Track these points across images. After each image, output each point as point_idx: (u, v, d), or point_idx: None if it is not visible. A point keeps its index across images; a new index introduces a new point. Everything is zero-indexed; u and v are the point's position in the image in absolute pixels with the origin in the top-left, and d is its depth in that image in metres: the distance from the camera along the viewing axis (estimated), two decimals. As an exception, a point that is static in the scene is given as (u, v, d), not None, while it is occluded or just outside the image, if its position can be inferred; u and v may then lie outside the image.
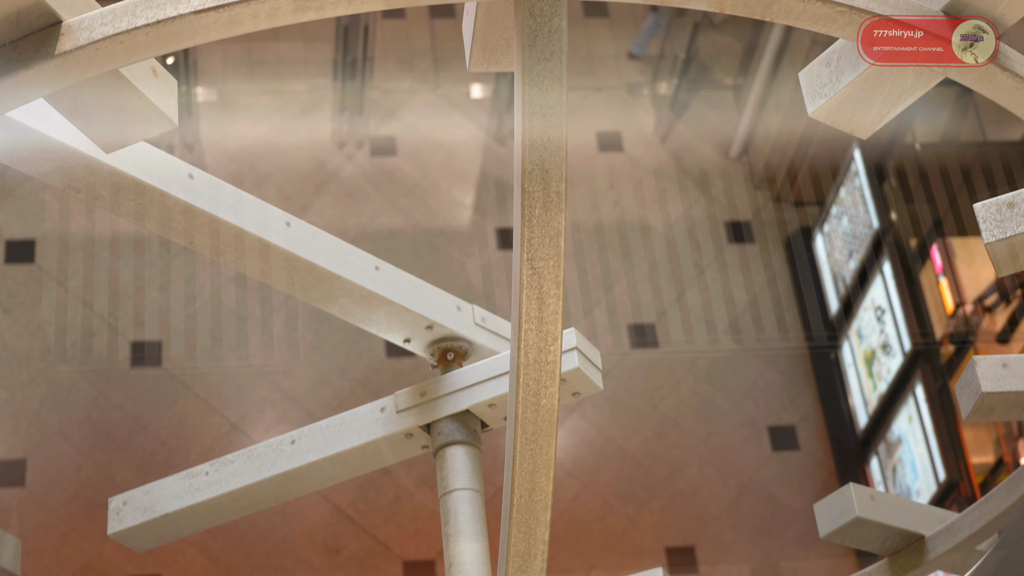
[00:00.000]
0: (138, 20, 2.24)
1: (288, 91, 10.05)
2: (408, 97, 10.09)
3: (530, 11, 2.22)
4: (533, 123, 2.25)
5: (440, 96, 10.09)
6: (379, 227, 9.59)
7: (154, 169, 2.95)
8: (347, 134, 9.92)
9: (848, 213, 9.65)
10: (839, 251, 9.72)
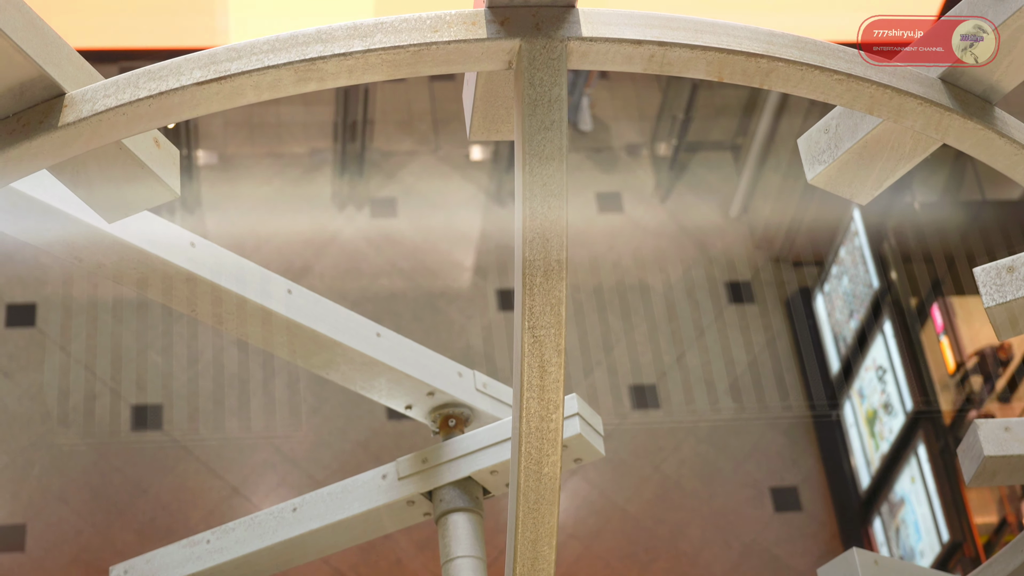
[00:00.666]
0: (141, 92, 2.25)
1: (288, 153, 10.09)
2: (408, 159, 10.13)
3: (530, 81, 2.24)
4: (534, 192, 2.26)
5: (440, 158, 10.13)
6: (380, 289, 9.60)
7: (156, 237, 2.97)
8: (347, 196, 9.95)
9: (848, 273, 9.66)
10: (839, 311, 9.72)
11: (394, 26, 2.24)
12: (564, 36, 2.24)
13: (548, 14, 2.25)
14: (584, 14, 2.27)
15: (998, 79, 2.41)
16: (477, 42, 2.23)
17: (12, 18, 2.21)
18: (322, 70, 2.23)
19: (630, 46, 2.27)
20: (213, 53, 2.26)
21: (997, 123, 2.45)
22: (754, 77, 2.31)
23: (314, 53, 2.23)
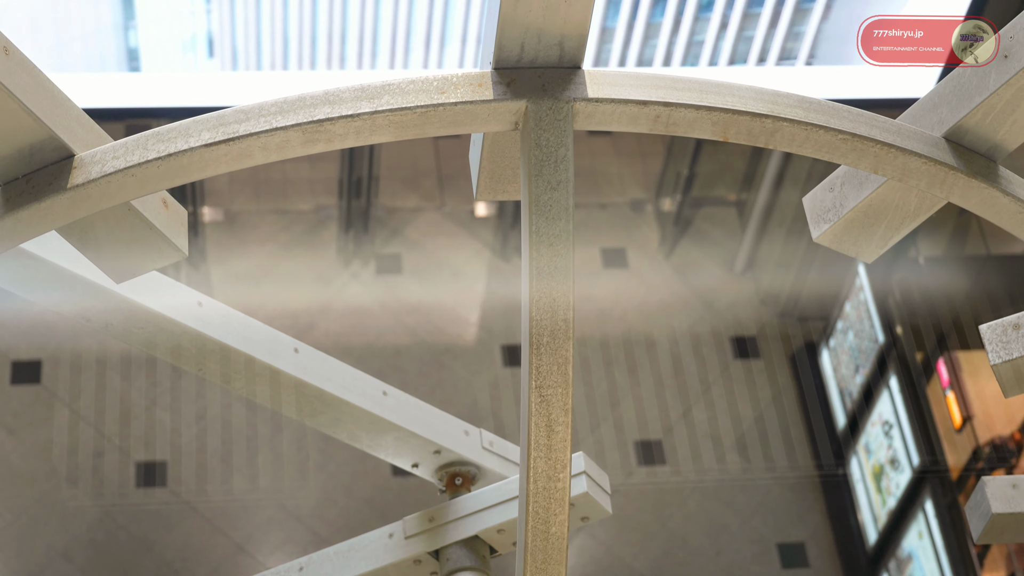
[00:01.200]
0: (149, 153, 2.26)
1: (294, 210, 10.11)
2: (413, 215, 10.15)
3: (536, 142, 2.25)
4: (540, 252, 2.27)
5: (445, 214, 10.15)
6: (385, 345, 9.60)
7: (164, 297, 2.97)
8: (353, 252, 9.97)
9: (854, 328, 9.66)
10: (845, 366, 9.71)
11: (401, 88, 2.25)
12: (570, 97, 2.25)
13: (554, 76, 2.27)
14: (590, 75, 2.28)
15: (1002, 138, 2.42)
16: (484, 103, 2.25)
17: (22, 81, 2.22)
18: (330, 131, 2.25)
19: (635, 107, 2.28)
20: (222, 115, 2.27)
21: (1001, 182, 2.46)
22: (759, 137, 2.32)
23: (322, 115, 2.24)
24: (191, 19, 7.97)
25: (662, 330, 9.84)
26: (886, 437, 9.17)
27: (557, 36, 2.24)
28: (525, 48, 2.25)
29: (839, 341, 9.85)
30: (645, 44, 8.31)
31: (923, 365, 9.30)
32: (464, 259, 9.98)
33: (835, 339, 9.90)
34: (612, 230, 10.28)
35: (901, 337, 9.37)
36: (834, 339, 9.91)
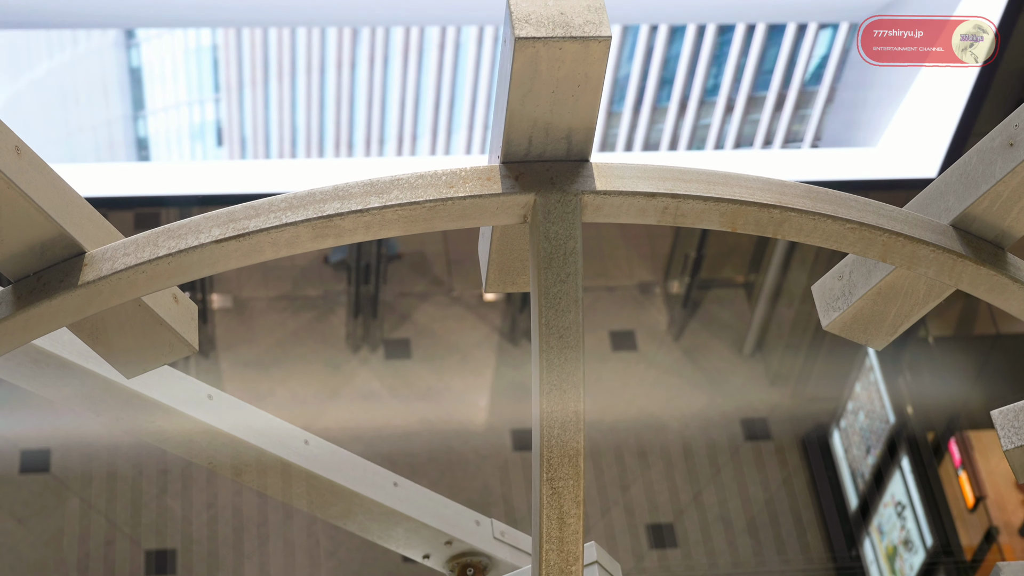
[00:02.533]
0: (160, 250, 2.27)
1: (302, 296, 10.13)
2: (422, 300, 10.16)
3: (545, 234, 2.26)
4: (551, 344, 2.27)
5: (454, 299, 10.17)
6: (395, 430, 9.59)
7: (174, 391, 2.98)
8: (362, 338, 9.97)
9: (864, 408, 9.63)
10: (856, 447, 9.67)
11: (410, 183, 2.26)
12: (578, 190, 2.27)
13: (562, 169, 2.28)
14: (598, 168, 2.30)
15: (1009, 225, 2.43)
16: (492, 197, 2.26)
17: (34, 180, 2.24)
18: (339, 226, 2.26)
19: (644, 199, 2.29)
20: (232, 211, 2.28)
21: (1010, 268, 2.46)
22: (767, 227, 2.33)
23: (331, 210, 2.25)
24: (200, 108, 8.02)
25: (672, 412, 9.82)
26: (899, 518, 9.12)
27: (564, 130, 2.25)
28: (533, 142, 2.26)
29: (850, 422, 9.82)
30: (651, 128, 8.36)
31: (934, 445, 9.27)
32: (473, 343, 9.99)
33: (846, 420, 9.87)
34: (621, 313, 10.29)
35: (912, 417, 9.34)
36: (845, 420, 9.88)
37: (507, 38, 2.19)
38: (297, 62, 8.05)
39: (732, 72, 8.34)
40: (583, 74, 2.19)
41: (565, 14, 2.18)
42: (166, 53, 7.89)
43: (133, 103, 7.99)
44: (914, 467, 9.10)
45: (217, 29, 7.85)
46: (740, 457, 9.68)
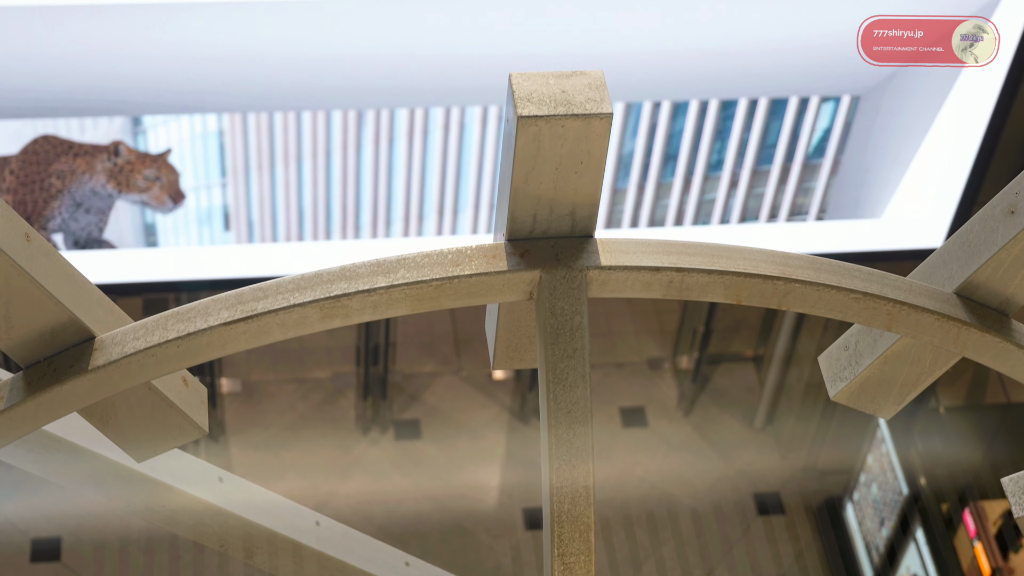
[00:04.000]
0: (169, 333, 2.29)
1: (312, 378, 10.14)
2: (431, 380, 10.17)
3: (551, 311, 2.27)
4: (559, 420, 2.28)
5: (463, 378, 10.17)
6: (406, 511, 9.56)
7: (184, 473, 2.98)
8: (371, 419, 9.97)
9: (877, 480, 9.60)
10: (870, 519, 9.63)
11: (416, 262, 2.28)
12: (583, 266, 2.28)
13: (567, 245, 2.30)
14: (602, 244, 2.31)
15: (1012, 292, 2.44)
16: (498, 275, 2.27)
17: (44, 266, 2.26)
18: (347, 307, 2.27)
19: (649, 273, 2.31)
20: (240, 293, 2.30)
21: (1015, 335, 2.47)
22: (772, 299, 2.35)
23: (339, 290, 2.27)
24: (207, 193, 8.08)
25: (683, 488, 9.79)
26: (915, 591, 9.07)
27: (568, 207, 2.27)
28: (537, 219, 2.29)
29: (863, 494, 9.78)
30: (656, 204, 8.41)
31: (949, 516, 9.23)
32: (483, 422, 9.98)
33: (858, 492, 9.83)
34: (630, 389, 10.28)
35: (925, 488, 9.31)
36: (857, 492, 9.84)
37: (510, 117, 2.21)
38: (303, 145, 8.11)
39: (736, 146, 8.39)
40: (586, 151, 2.22)
41: (567, 92, 2.21)
42: (172, 139, 7.96)
43: (141, 189, 8.05)
44: (929, 539, 9.05)
45: (223, 114, 7.92)
46: (753, 532, 9.64)
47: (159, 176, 7.91)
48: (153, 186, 7.86)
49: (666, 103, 8.22)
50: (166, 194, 7.94)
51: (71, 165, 7.81)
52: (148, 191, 7.87)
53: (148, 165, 7.89)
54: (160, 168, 7.91)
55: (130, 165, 7.87)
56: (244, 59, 7.61)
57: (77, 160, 7.83)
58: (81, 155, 7.88)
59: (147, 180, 7.85)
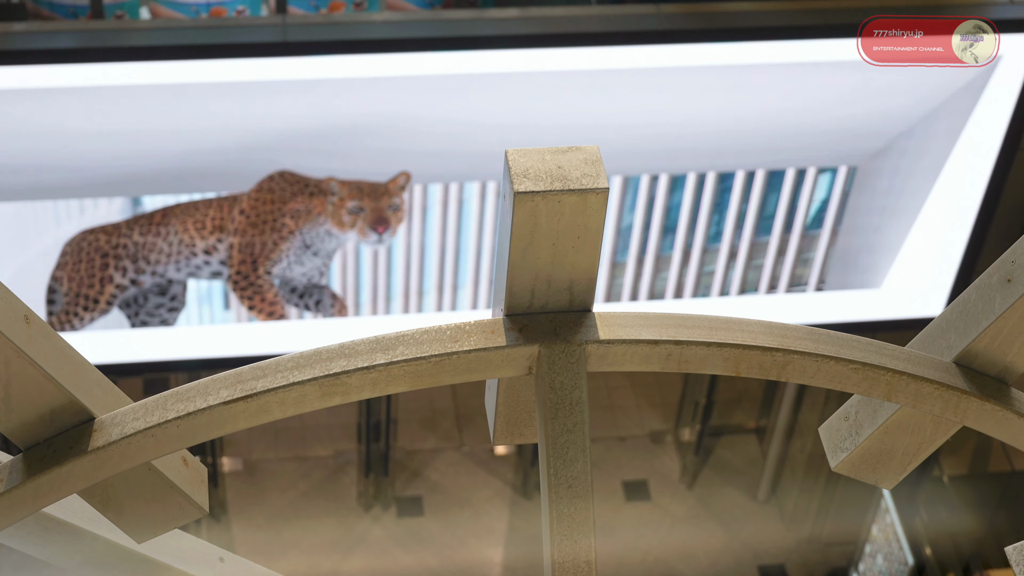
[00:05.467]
0: (169, 413, 2.29)
1: (313, 456, 10.11)
2: (433, 457, 10.14)
3: (551, 385, 2.28)
4: (560, 494, 2.27)
5: (465, 454, 10.14)
6: (409, 589, 9.51)
7: (185, 554, 2.96)
8: (373, 496, 9.93)
9: (882, 551, 9.55)
10: (876, 590, 9.58)
11: (415, 338, 2.29)
12: (582, 340, 2.29)
13: (565, 319, 2.30)
14: (601, 318, 2.32)
15: (1011, 360, 2.44)
16: (497, 350, 2.28)
17: (43, 348, 2.26)
18: (346, 384, 2.27)
19: (647, 346, 2.31)
20: (239, 372, 2.30)
21: (1015, 403, 2.47)
22: (771, 371, 2.35)
23: (338, 368, 2.27)
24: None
25: (687, 562, 9.73)
26: (923, 662, 9.00)
27: (566, 281, 2.28)
28: (535, 294, 2.29)
29: (868, 565, 9.73)
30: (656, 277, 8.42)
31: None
32: (485, 498, 9.94)
33: (864, 563, 9.78)
34: (633, 462, 10.25)
35: (930, 558, 9.26)
36: (863, 563, 9.79)
37: (507, 193, 2.22)
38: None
39: (734, 218, 8.42)
40: (582, 225, 2.23)
41: (563, 168, 2.22)
42: (172, 219, 7.98)
43: (141, 269, 8.07)
44: (936, 609, 9.00)
45: (222, 192, 7.95)
46: (759, 605, 9.58)
47: (362, 207, 7.57)
48: (356, 219, 7.51)
49: (664, 176, 8.26)
50: (367, 225, 7.60)
51: (307, 204, 7.48)
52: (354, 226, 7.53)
53: (353, 196, 7.62)
54: (363, 198, 7.58)
55: (340, 201, 7.57)
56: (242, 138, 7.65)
57: (313, 200, 7.51)
58: (318, 194, 7.57)
59: (351, 214, 7.53)
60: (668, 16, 7.56)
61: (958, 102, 8.06)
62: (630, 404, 10.43)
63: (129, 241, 7.84)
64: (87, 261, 7.80)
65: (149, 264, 7.81)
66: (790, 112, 7.97)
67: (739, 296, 8.67)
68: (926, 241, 8.56)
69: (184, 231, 7.76)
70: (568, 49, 7.56)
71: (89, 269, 7.80)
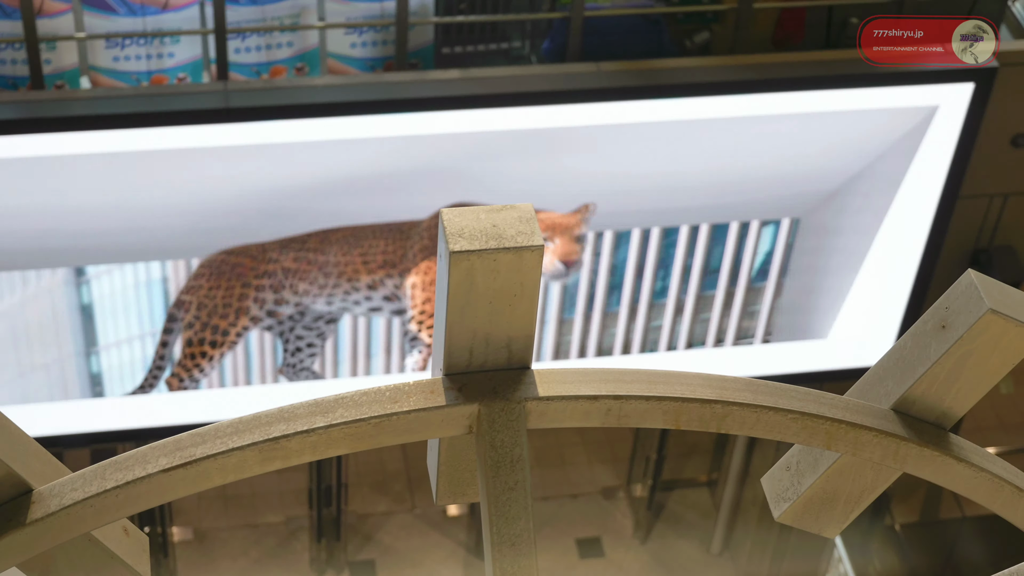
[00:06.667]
0: (108, 483, 2.27)
1: (264, 523, 10.04)
2: (385, 520, 10.09)
3: (491, 444, 2.27)
4: (503, 553, 2.26)
5: (417, 516, 10.10)
6: (364, 654, 9.44)
7: (130, 625, 2.93)
8: (326, 561, 9.86)
9: (836, 601, 9.56)
10: (832, 641, 9.58)
11: (355, 400, 2.28)
12: (521, 398, 2.29)
13: (504, 378, 2.31)
14: (539, 375, 2.32)
15: (948, 406, 2.46)
16: (437, 410, 2.27)
17: (-22, 421, 2.25)
18: (286, 448, 2.26)
19: (587, 402, 2.31)
20: (178, 439, 2.29)
21: (954, 448, 2.48)
22: (710, 423, 2.35)
23: (277, 432, 2.26)
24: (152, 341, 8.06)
25: (644, 618, 9.70)
26: None
27: (504, 339, 2.28)
28: (474, 353, 2.29)
29: (824, 616, 9.73)
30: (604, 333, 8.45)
31: (911, 634, 9.19)
32: (438, 560, 9.89)
33: (819, 614, 9.78)
34: (585, 520, 10.23)
35: (885, 607, 9.28)
36: (818, 614, 9.79)
37: (443, 253, 2.23)
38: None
39: (679, 273, 8.46)
40: (519, 283, 2.23)
41: (497, 226, 2.23)
42: (116, 288, 7.94)
43: (85, 340, 8.02)
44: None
45: (166, 261, 7.92)
46: (716, 659, 9.56)
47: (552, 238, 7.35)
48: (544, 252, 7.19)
49: (608, 233, 8.30)
50: (556, 258, 7.36)
51: None
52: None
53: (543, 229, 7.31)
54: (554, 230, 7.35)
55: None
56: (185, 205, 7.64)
57: None
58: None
59: None
60: (608, 74, 7.62)
61: (898, 152, 8.15)
62: (581, 461, 10.41)
63: (278, 267, 7.47)
64: (226, 288, 7.43)
65: (296, 294, 7.45)
66: (732, 165, 8.03)
67: (686, 350, 8.70)
68: (871, 290, 8.62)
69: (347, 263, 7.42)
70: (509, 109, 7.60)
71: (226, 297, 7.43)
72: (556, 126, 7.70)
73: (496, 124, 7.64)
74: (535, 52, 7.92)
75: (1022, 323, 2.36)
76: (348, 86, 7.54)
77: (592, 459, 10.43)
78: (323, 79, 7.63)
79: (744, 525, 10.06)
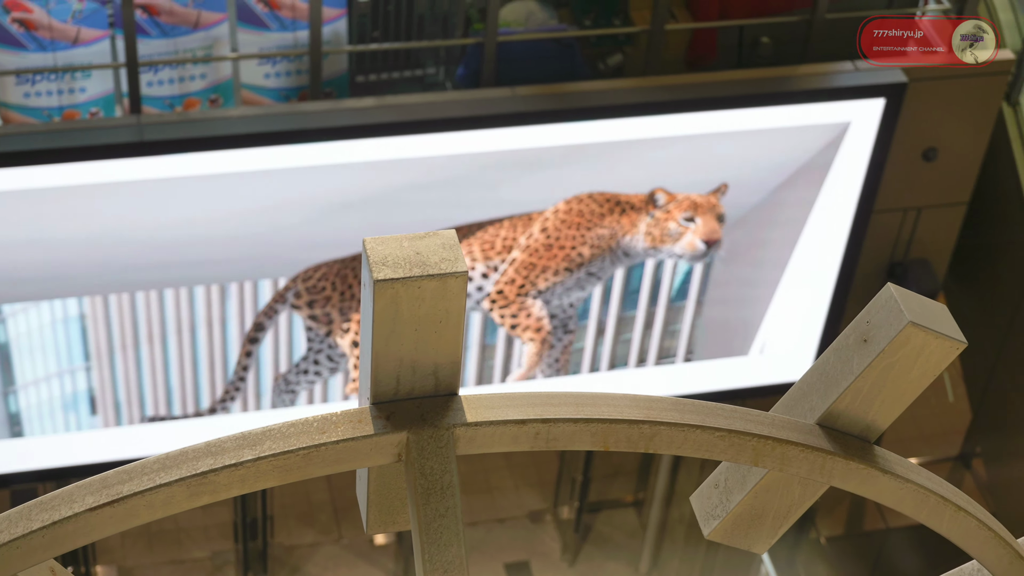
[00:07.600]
0: (33, 524, 2.24)
1: (190, 559, 9.95)
2: (312, 551, 10.03)
3: (420, 471, 2.27)
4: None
5: (344, 546, 10.04)
6: None
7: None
8: (254, 596, 9.79)
9: (765, 616, 9.61)
10: (762, 656, 9.62)
11: (282, 432, 2.27)
12: (450, 424, 2.29)
13: (432, 404, 2.30)
14: (467, 400, 2.32)
15: (872, 419, 2.48)
16: (365, 439, 2.27)
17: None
18: (214, 482, 2.25)
19: (515, 426, 2.31)
20: (105, 477, 2.26)
21: (879, 461, 2.51)
22: (638, 443, 2.36)
23: (205, 467, 2.24)
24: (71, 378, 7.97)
25: (575, 640, 9.70)
26: None
27: (431, 366, 2.28)
28: (401, 381, 2.29)
29: (753, 631, 9.78)
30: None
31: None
32: (367, 590, 9.85)
33: (749, 630, 9.83)
34: (513, 544, 10.22)
35: (813, 620, 9.34)
36: (748, 630, 9.84)
37: (367, 282, 2.23)
38: (167, 323, 8.05)
39: (599, 295, 8.49)
40: (444, 310, 2.23)
41: (421, 254, 2.23)
42: (33, 326, 7.85)
43: (3, 379, 7.92)
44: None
45: (83, 298, 7.85)
46: None
47: (694, 218, 7.23)
48: (685, 232, 7.04)
49: (528, 256, 8.31)
50: (699, 237, 7.15)
51: (615, 226, 6.93)
52: (678, 240, 7.02)
53: (684, 207, 7.09)
54: (696, 209, 7.17)
55: (667, 213, 7.11)
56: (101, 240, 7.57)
57: (623, 218, 7.01)
58: (630, 211, 7.06)
59: (681, 225, 7.09)
60: (523, 98, 7.65)
61: (813, 169, 8.23)
62: (508, 485, 10.41)
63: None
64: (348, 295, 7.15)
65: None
66: (647, 186, 8.08)
67: (609, 371, 8.73)
68: (790, 306, 8.69)
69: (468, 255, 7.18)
70: (425, 136, 7.61)
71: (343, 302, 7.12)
72: (473, 151, 7.72)
73: (413, 151, 7.64)
74: (449, 78, 7.93)
75: (942, 335, 2.39)
76: (263, 116, 7.51)
77: (518, 483, 10.43)
78: (237, 110, 7.60)
79: (671, 544, 10.09)
